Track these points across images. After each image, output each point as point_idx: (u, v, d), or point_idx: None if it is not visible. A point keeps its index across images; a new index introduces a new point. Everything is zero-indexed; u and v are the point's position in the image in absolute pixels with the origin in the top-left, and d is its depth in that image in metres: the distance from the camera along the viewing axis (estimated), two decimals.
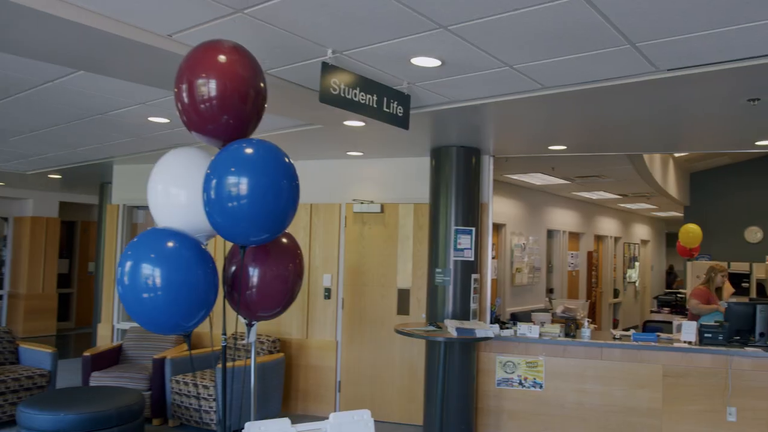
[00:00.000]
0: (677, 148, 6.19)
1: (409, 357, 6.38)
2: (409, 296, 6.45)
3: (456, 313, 5.81)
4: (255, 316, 2.97)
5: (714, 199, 12.39)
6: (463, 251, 5.86)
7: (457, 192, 5.90)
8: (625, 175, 8.81)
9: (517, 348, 6.02)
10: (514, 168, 8.17)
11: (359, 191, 6.72)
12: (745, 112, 4.29)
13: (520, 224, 10.34)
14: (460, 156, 5.92)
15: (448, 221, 5.89)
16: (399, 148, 6.09)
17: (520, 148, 6.01)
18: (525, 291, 10.39)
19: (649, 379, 5.67)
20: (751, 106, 4.02)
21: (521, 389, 5.98)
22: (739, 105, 4.06)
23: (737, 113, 4.33)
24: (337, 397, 6.60)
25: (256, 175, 2.50)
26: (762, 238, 12.07)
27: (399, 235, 6.53)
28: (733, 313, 5.86)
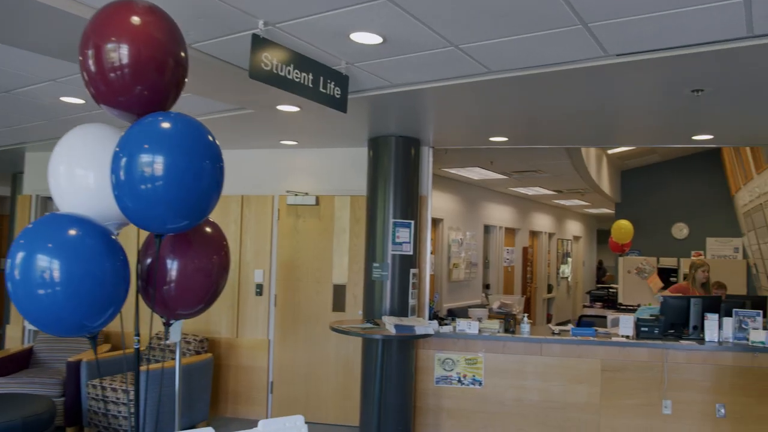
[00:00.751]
0: (616, 142, 6.17)
1: (344, 355, 6.13)
2: (345, 292, 6.20)
3: (394, 310, 5.60)
4: (174, 314, 2.64)
5: (644, 196, 12.68)
6: (402, 245, 5.65)
7: (395, 184, 5.68)
8: (562, 171, 8.84)
9: (456, 345, 5.86)
10: (452, 161, 8.04)
11: (293, 183, 6.40)
12: (687, 104, 4.25)
13: (458, 219, 10.25)
14: (399, 146, 5.70)
15: (387, 214, 5.66)
16: (335, 137, 5.82)
17: (461, 140, 5.85)
18: (462, 287, 10.32)
19: (588, 374, 5.63)
20: (695, 97, 3.96)
21: (460, 387, 5.83)
22: (682, 96, 4.00)
23: (679, 105, 4.29)
24: (270, 398, 6.28)
25: (174, 153, 2.18)
26: (688, 234, 12.45)
27: (335, 229, 6.26)
28: (668, 307, 5.89)
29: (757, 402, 5.40)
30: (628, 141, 5.99)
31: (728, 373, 5.45)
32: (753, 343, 5.41)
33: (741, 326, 5.63)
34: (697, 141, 5.48)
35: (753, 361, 5.42)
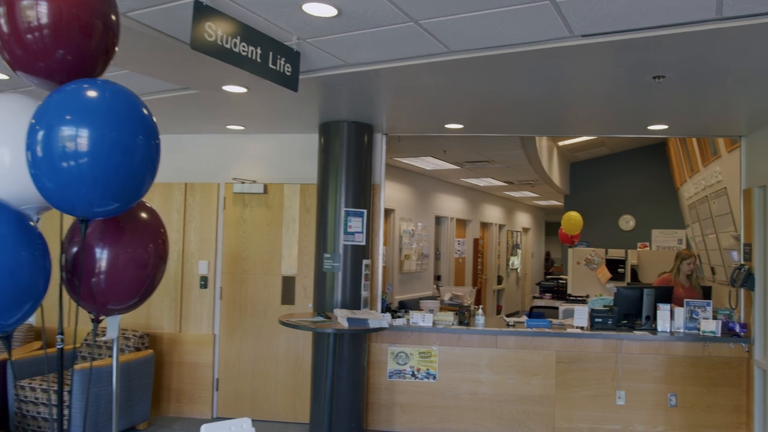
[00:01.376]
0: (572, 131, 6.09)
1: (294, 350, 5.88)
2: (295, 284, 5.95)
3: (346, 302, 5.38)
4: (104, 310, 2.36)
5: (592, 188, 12.81)
6: (354, 235, 5.44)
7: (347, 172, 5.46)
8: (515, 161, 8.78)
9: (410, 338, 5.70)
10: (405, 150, 7.87)
11: (240, 170, 6.10)
12: (646, 92, 4.17)
13: (409, 210, 10.11)
14: (352, 133, 5.48)
15: (338, 203, 5.44)
16: (285, 122, 5.55)
17: (416, 126, 5.66)
18: (413, 278, 10.18)
19: (543, 365, 5.55)
20: (655, 84, 3.88)
21: (414, 381, 5.67)
22: (643, 82, 3.91)
23: (638, 92, 4.21)
24: (215, 396, 5.98)
25: (101, 125, 1.90)
26: (634, 226, 12.65)
27: (284, 218, 6.00)
28: (622, 298, 5.86)
29: (707, 391, 5.44)
30: (584, 130, 5.92)
31: (680, 362, 5.47)
32: (704, 333, 5.44)
33: (692, 316, 5.65)
34: (652, 131, 5.45)
35: (704, 350, 5.45)
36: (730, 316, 5.60)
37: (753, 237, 5.38)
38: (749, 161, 5.56)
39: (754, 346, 5.33)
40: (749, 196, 5.47)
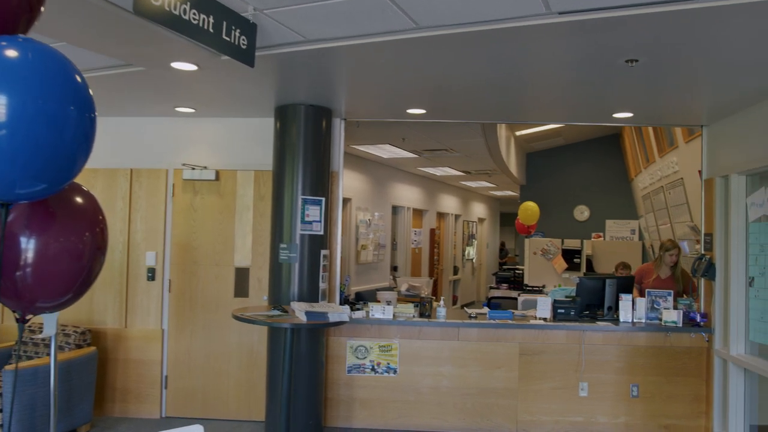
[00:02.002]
0: (536, 118, 5.92)
1: (248, 345, 5.60)
2: (249, 276, 5.66)
3: (303, 294, 5.13)
4: (31, 307, 2.06)
5: (547, 179, 12.84)
6: (312, 224, 5.19)
7: (305, 158, 5.20)
8: (474, 150, 8.65)
9: (370, 331, 5.50)
10: (362, 138, 7.63)
11: (190, 155, 5.76)
12: (616, 77, 4.05)
13: (366, 199, 9.89)
14: (309, 117, 5.21)
15: (295, 190, 5.17)
16: (238, 105, 5.24)
17: (377, 111, 5.43)
18: (370, 269, 9.98)
19: (506, 358, 5.43)
20: (627, 68, 3.76)
21: (374, 376, 5.47)
22: (615, 66, 3.78)
23: (608, 78, 4.08)
24: (164, 394, 5.65)
25: (22, 90, 1.61)
26: (589, 216, 12.75)
27: (237, 207, 5.69)
28: (584, 288, 5.79)
29: (668, 381, 5.41)
30: (549, 117, 5.79)
31: (642, 353, 5.43)
32: (666, 323, 5.41)
33: (653, 306, 5.62)
34: (617, 119, 5.36)
35: (665, 340, 5.42)
36: (690, 305, 5.58)
37: (714, 227, 5.37)
38: (711, 151, 5.53)
39: (714, 335, 5.32)
40: (710, 186, 5.45)
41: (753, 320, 4.88)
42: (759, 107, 4.71)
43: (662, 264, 6.06)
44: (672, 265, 6.04)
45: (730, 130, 5.17)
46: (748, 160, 4.88)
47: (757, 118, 4.74)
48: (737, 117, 5.05)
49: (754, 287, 4.88)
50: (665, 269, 6.06)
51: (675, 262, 6.03)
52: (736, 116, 5.06)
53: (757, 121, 4.75)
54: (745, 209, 5.04)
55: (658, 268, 6.07)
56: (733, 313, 5.06)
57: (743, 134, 4.97)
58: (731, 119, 5.15)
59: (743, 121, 4.96)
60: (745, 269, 5.02)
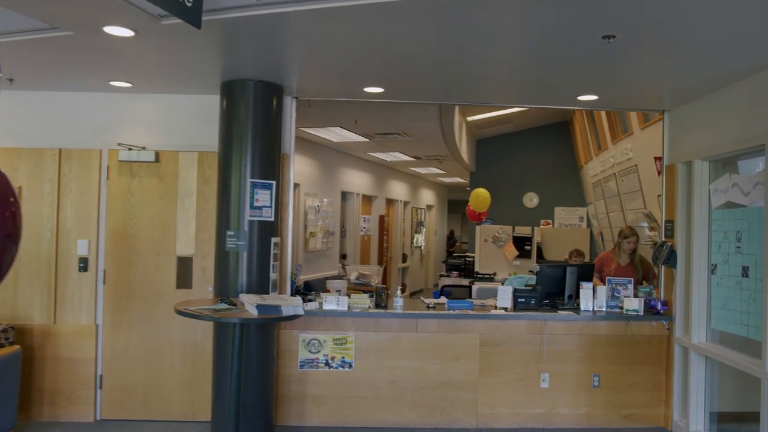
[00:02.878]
0: (500, 99, 5.57)
1: (192, 340, 5.20)
2: (192, 265, 5.25)
3: (252, 286, 4.77)
4: None
5: (497, 165, 12.75)
6: (261, 210, 4.82)
7: (254, 139, 4.81)
8: (428, 134, 8.40)
9: (323, 323, 5.18)
10: (313, 119, 7.27)
11: (127, 135, 5.27)
12: (588, 55, 3.84)
13: (315, 185, 9.53)
14: (259, 94, 4.82)
15: (243, 173, 4.78)
16: (181, 79, 4.80)
17: (331, 89, 5.08)
18: (319, 257, 9.65)
19: (466, 350, 5.22)
20: (602, 45, 3.54)
21: (328, 370, 5.17)
22: (591, 43, 3.56)
23: (579, 55, 3.86)
24: (98, 395, 5.19)
25: None
26: (538, 203, 12.74)
27: (179, 191, 5.26)
28: (544, 276, 5.63)
29: (629, 370, 5.32)
30: (511, 99, 5.53)
31: (603, 342, 5.31)
32: (627, 312, 5.30)
33: (613, 294, 5.51)
34: (581, 102, 5.18)
35: (626, 329, 5.32)
36: (650, 293, 5.50)
37: (675, 214, 5.28)
38: (672, 137, 5.44)
39: (675, 323, 5.25)
40: (672, 172, 5.36)
41: (715, 308, 4.81)
42: (724, 92, 4.60)
43: (621, 251, 5.96)
44: (630, 252, 5.96)
45: (694, 115, 5.07)
46: (712, 146, 4.78)
47: (722, 104, 4.64)
48: (701, 102, 4.95)
49: (717, 274, 4.81)
50: (624, 257, 5.96)
51: (633, 249, 5.95)
52: (700, 101, 4.96)
53: (722, 107, 4.65)
54: (708, 196, 4.95)
55: (618, 256, 5.97)
56: (695, 300, 4.98)
57: (707, 120, 4.87)
58: (694, 105, 5.05)
59: (707, 107, 4.86)
60: (708, 256, 4.95)
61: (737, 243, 4.55)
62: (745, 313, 4.42)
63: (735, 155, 4.63)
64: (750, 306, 4.36)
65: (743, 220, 4.50)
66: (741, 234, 4.52)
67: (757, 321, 4.24)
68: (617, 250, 5.98)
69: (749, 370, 4.20)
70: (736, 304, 4.54)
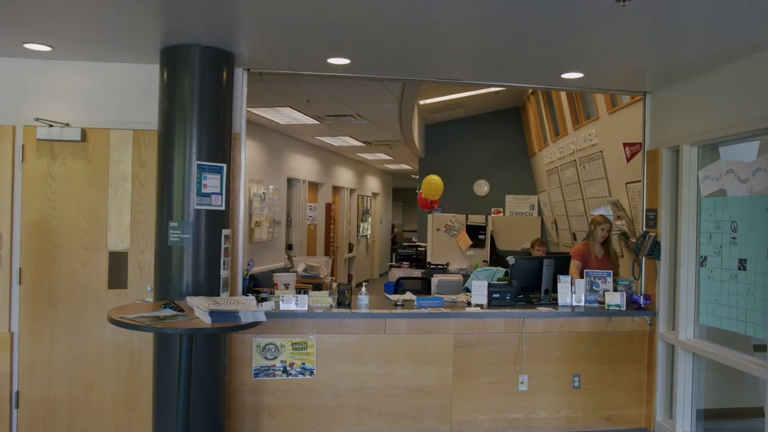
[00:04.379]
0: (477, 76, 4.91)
1: (127, 348, 4.50)
2: (128, 262, 4.54)
3: (200, 285, 4.12)
4: None
5: (447, 152, 12.36)
6: (210, 197, 4.17)
7: (200, 115, 4.14)
8: (384, 116, 7.87)
9: (281, 326, 4.59)
10: (261, 98, 6.61)
11: (47, 109, 4.48)
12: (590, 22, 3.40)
13: (260, 171, 8.84)
14: (206, 62, 4.15)
15: (188, 155, 4.11)
16: (113, 43, 4.07)
17: (290, 59, 4.46)
18: (264, 248, 8.98)
19: (439, 352, 4.74)
20: (620, 6, 3.09)
21: (286, 379, 4.59)
22: (603, 6, 3.11)
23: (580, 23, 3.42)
24: (14, 415, 4.42)
25: None
26: (489, 191, 12.44)
27: (111, 175, 4.53)
28: (520, 270, 5.22)
29: (610, 369, 4.99)
30: (490, 77, 4.95)
31: (584, 340, 4.95)
32: (609, 307, 4.96)
33: (592, 288, 5.16)
34: (565, 80, 4.75)
35: (608, 325, 4.98)
36: (629, 287, 5.18)
37: (659, 202, 4.95)
38: (655, 120, 5.10)
39: (658, 318, 4.94)
40: (655, 158, 5.02)
41: (705, 302, 4.50)
42: (716, 73, 4.28)
43: (594, 240, 5.60)
44: (603, 241, 5.61)
45: (681, 97, 4.73)
46: (702, 131, 4.45)
47: (715, 84, 4.31)
48: (689, 83, 4.62)
49: (707, 267, 4.50)
50: (598, 247, 5.61)
51: (607, 236, 5.60)
52: (688, 82, 4.62)
53: (715, 88, 4.32)
54: (697, 183, 4.64)
55: (592, 246, 5.60)
56: (682, 295, 4.66)
57: (697, 102, 4.54)
58: (681, 86, 4.72)
59: (697, 88, 4.53)
60: (696, 248, 4.63)
61: (732, 234, 4.25)
62: (742, 309, 4.12)
63: (729, 140, 4.32)
64: (747, 301, 4.06)
65: (739, 209, 4.19)
66: (737, 224, 4.21)
67: (756, 317, 3.94)
68: (591, 241, 5.61)
69: (751, 370, 3.90)
70: (730, 299, 4.23)
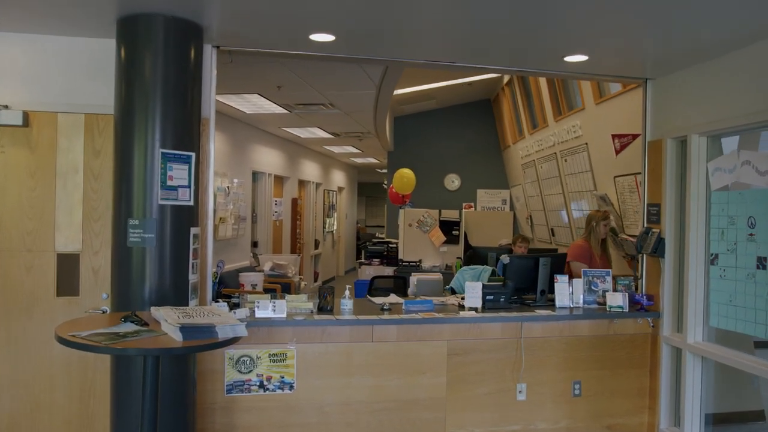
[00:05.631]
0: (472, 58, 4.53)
1: (80, 365, 3.94)
2: (79, 265, 3.97)
3: (165, 292, 3.59)
4: None
5: (417, 145, 11.97)
6: (177, 190, 3.64)
7: (165, 96, 3.59)
8: (359, 106, 7.40)
9: (256, 335, 4.08)
10: (229, 83, 6.07)
11: None
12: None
13: (224, 163, 8.29)
14: (171, 36, 3.61)
15: (151, 143, 3.56)
16: (59, 13, 3.51)
17: (266, 35, 3.95)
18: (229, 246, 8.43)
19: (432, 360, 4.32)
20: None
21: (263, 394, 4.09)
22: None
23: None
24: None
25: None
26: (459, 185, 12.10)
27: (59, 166, 3.95)
28: (514, 269, 4.84)
29: (612, 374, 4.66)
30: (487, 60, 4.49)
31: (584, 344, 4.60)
32: (611, 309, 4.62)
33: (591, 288, 4.82)
34: (567, 64, 4.36)
35: (609, 328, 4.64)
36: (629, 286, 4.85)
37: (662, 197, 4.63)
38: (657, 108, 4.77)
39: (662, 320, 4.62)
40: (658, 149, 4.69)
41: (717, 303, 4.18)
42: (733, 57, 3.96)
43: (596, 239, 5.25)
44: (603, 239, 5.28)
45: (690, 83, 4.40)
46: (713, 120, 4.13)
47: (729, 70, 3.99)
48: (697, 69, 4.29)
49: (718, 266, 4.18)
50: (597, 245, 5.27)
51: (607, 234, 5.28)
52: (698, 68, 4.30)
53: (728, 73, 4.01)
54: (707, 176, 4.32)
55: (595, 246, 5.25)
56: (691, 295, 4.35)
57: (708, 89, 4.22)
58: (688, 72, 4.39)
59: (708, 74, 4.20)
60: (705, 245, 4.32)
61: (749, 230, 3.93)
62: (762, 311, 3.81)
63: (745, 129, 4.01)
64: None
65: (758, 204, 3.89)
66: (754, 219, 3.90)
67: None
68: (592, 238, 5.26)
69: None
70: (746, 299, 3.92)
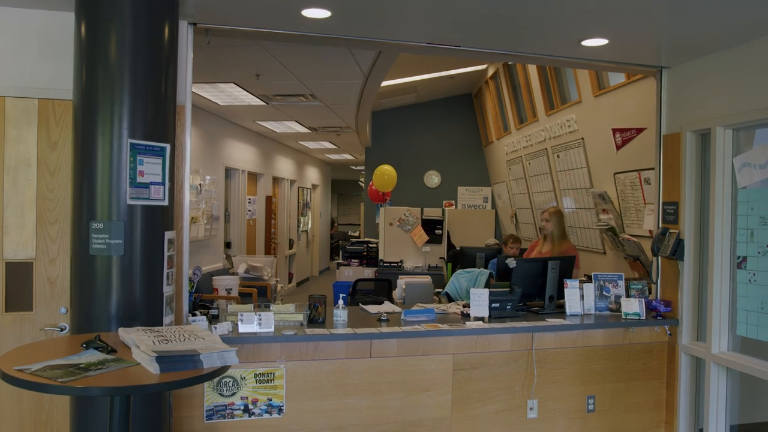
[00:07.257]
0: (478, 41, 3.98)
1: (34, 398, 3.39)
2: (32, 275, 3.43)
3: (136, 307, 3.07)
4: None
5: (395, 140, 11.56)
6: (149, 188, 3.13)
7: (134, 79, 3.08)
8: (342, 96, 6.92)
9: (240, 352, 3.59)
10: (201, 71, 5.56)
11: None
12: None
13: (195, 159, 7.73)
14: (140, 9, 3.09)
15: (117, 132, 3.04)
16: None
17: (250, 9, 3.47)
18: (201, 248, 7.88)
19: (436, 377, 3.89)
20: None
21: (248, 419, 3.61)
22: None
23: None
24: None
25: None
26: (440, 182, 11.72)
27: (8, 159, 3.40)
28: (522, 274, 4.44)
29: (627, 387, 4.29)
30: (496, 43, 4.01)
31: (599, 355, 4.22)
32: (627, 316, 4.25)
33: (602, 293, 4.45)
34: (585, 48, 3.96)
35: (625, 337, 4.27)
36: (642, 290, 4.49)
37: (681, 194, 4.27)
38: (673, 99, 4.41)
39: (681, 328, 4.27)
40: (676, 143, 4.34)
41: (745, 311, 3.84)
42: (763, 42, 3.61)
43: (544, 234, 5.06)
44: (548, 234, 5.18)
45: (714, 71, 4.05)
46: (742, 111, 3.78)
47: (759, 56, 3.65)
48: (724, 55, 3.94)
49: (746, 270, 3.84)
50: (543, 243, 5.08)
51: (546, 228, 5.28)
52: (723, 54, 3.94)
53: (758, 60, 3.66)
54: (732, 171, 3.97)
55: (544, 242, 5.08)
56: (715, 302, 4.00)
57: (735, 77, 3.87)
58: (713, 58, 4.04)
59: (734, 60, 3.85)
60: (731, 247, 3.98)
61: None
62: None
63: None
64: None
65: None
66: None
67: None
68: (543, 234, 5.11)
69: None
70: None
